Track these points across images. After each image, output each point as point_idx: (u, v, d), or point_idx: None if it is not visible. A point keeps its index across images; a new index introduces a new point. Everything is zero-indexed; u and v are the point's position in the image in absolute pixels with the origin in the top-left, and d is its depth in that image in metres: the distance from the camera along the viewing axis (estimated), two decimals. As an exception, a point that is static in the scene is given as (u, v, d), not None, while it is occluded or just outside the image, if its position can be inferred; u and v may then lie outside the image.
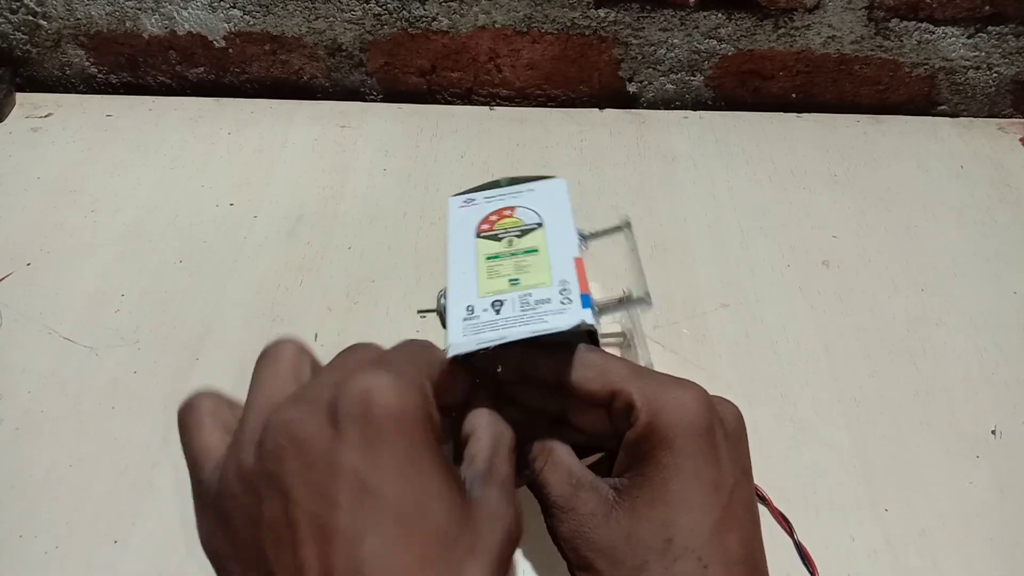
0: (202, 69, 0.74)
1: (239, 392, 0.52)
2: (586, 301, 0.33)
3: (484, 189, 0.42)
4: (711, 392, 0.29)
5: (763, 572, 0.28)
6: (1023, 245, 0.61)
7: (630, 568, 0.27)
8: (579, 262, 0.35)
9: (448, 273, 0.35)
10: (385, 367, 0.25)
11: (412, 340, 0.30)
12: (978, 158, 0.68)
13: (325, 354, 0.53)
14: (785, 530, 0.44)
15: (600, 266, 0.41)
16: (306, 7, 0.68)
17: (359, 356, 0.28)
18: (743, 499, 0.28)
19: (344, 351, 0.29)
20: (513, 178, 0.42)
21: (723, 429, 0.28)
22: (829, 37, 0.69)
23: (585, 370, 0.30)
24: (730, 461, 0.28)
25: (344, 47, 0.71)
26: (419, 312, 0.51)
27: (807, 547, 0.43)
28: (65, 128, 0.69)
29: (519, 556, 0.43)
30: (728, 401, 0.30)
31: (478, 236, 0.37)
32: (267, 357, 0.28)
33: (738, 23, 0.68)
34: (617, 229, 0.42)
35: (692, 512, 0.27)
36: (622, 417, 0.29)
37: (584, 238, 0.38)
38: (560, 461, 0.30)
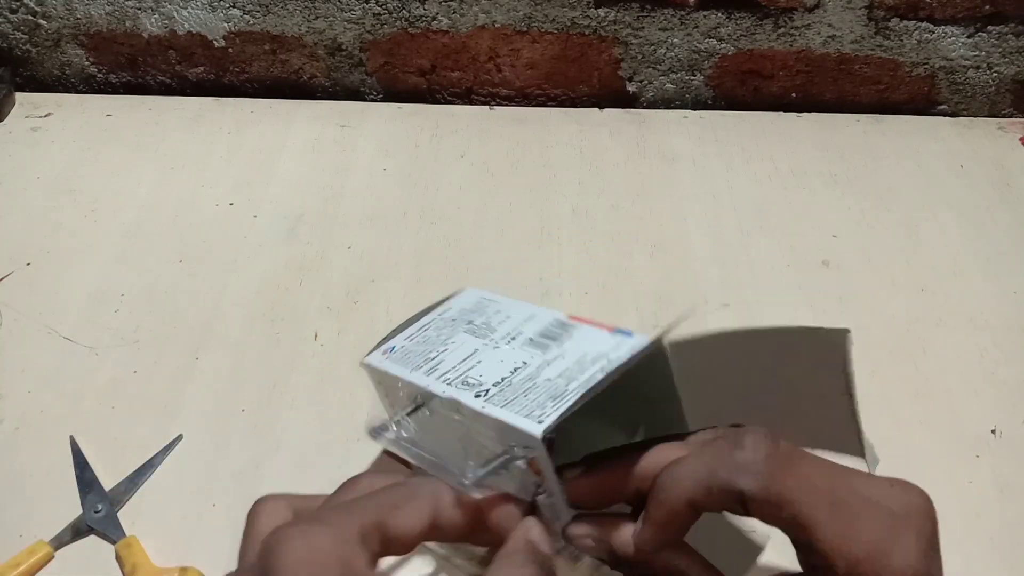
0: (202, 69, 0.74)
1: (237, 392, 0.52)
2: (627, 332, 0.33)
3: (396, 334, 0.39)
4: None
5: None
6: (1023, 245, 0.61)
7: None
8: (575, 318, 0.35)
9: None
10: (309, 518, 0.24)
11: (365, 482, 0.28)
12: (978, 158, 0.68)
13: (326, 353, 0.53)
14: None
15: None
16: (306, 7, 0.68)
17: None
18: None
19: (343, 485, 0.28)
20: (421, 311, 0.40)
21: None
22: (829, 37, 0.69)
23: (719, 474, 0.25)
24: None
25: (344, 47, 0.71)
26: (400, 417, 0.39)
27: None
28: (65, 128, 0.69)
29: None
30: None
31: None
32: (248, 519, 0.27)
33: (738, 22, 0.68)
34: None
35: None
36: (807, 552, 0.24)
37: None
38: None
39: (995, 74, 0.71)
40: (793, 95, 0.73)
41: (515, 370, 0.33)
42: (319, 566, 0.22)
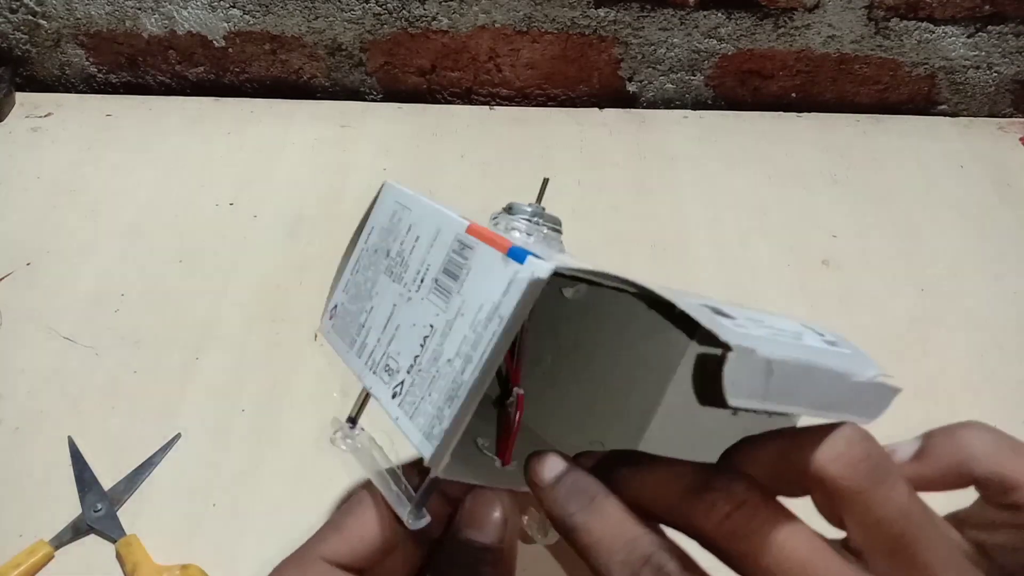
0: (202, 69, 0.74)
1: (237, 392, 0.52)
2: (520, 254, 0.23)
3: (337, 280, 0.33)
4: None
5: None
6: (1023, 245, 0.61)
7: None
8: (473, 229, 0.25)
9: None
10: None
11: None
12: (978, 158, 0.68)
13: (326, 353, 0.53)
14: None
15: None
16: (306, 7, 0.68)
17: None
18: None
19: None
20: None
21: None
22: (829, 37, 0.69)
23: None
24: None
25: (344, 47, 0.71)
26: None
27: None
28: (65, 128, 0.69)
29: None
30: None
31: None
32: None
33: (738, 22, 0.68)
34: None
35: None
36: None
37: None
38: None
39: (995, 74, 0.71)
40: (793, 95, 0.73)
41: (424, 341, 0.25)
42: None
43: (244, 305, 0.55)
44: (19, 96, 0.72)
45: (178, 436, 0.48)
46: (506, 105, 0.74)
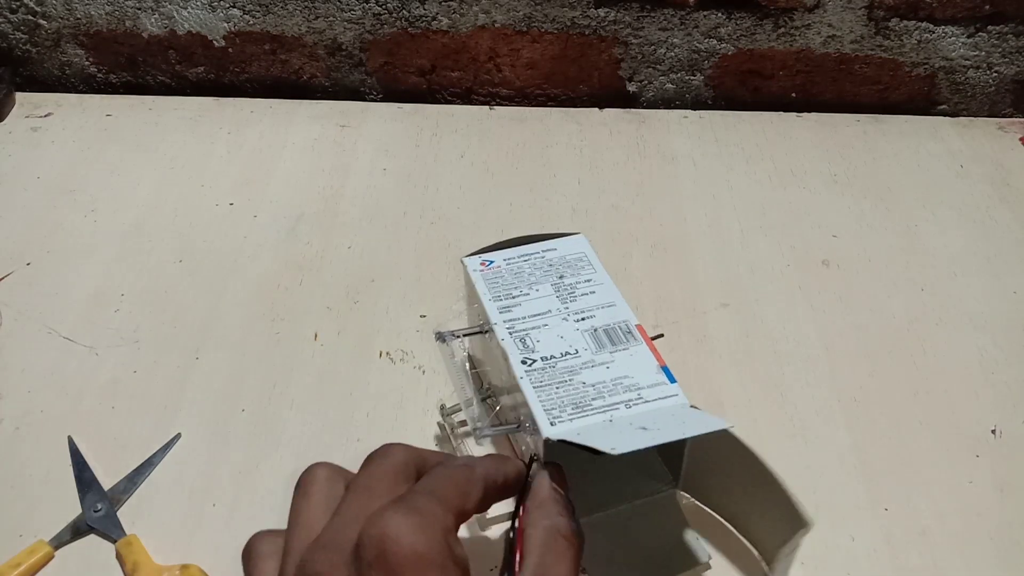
0: (202, 69, 0.74)
1: (237, 392, 0.52)
2: (670, 374, 0.36)
3: (500, 248, 0.43)
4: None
5: None
6: (1023, 245, 0.61)
7: None
8: (641, 329, 0.38)
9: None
10: (407, 505, 0.25)
11: (447, 464, 0.30)
12: (978, 158, 0.68)
13: (326, 353, 0.53)
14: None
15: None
16: (306, 7, 0.68)
17: (385, 484, 0.28)
18: None
19: (373, 458, 0.30)
20: (527, 236, 0.44)
21: None
22: (829, 36, 0.69)
23: None
24: None
25: (344, 46, 0.71)
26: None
27: (807, 546, 0.43)
28: (65, 128, 0.69)
29: None
30: None
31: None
32: (299, 489, 0.29)
33: (738, 22, 0.68)
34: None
35: None
36: None
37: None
38: None
39: (995, 74, 0.71)
40: (793, 95, 0.73)
41: (565, 354, 0.37)
42: (434, 555, 0.24)
43: (244, 305, 0.55)
44: (19, 96, 0.72)
45: (178, 436, 0.48)
46: (506, 105, 0.74)
